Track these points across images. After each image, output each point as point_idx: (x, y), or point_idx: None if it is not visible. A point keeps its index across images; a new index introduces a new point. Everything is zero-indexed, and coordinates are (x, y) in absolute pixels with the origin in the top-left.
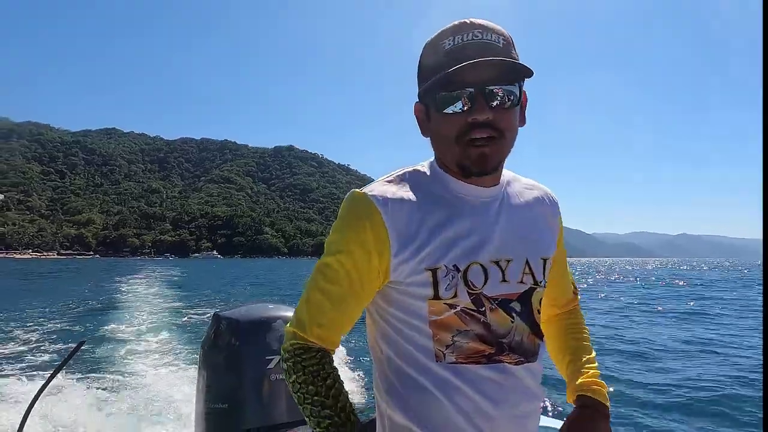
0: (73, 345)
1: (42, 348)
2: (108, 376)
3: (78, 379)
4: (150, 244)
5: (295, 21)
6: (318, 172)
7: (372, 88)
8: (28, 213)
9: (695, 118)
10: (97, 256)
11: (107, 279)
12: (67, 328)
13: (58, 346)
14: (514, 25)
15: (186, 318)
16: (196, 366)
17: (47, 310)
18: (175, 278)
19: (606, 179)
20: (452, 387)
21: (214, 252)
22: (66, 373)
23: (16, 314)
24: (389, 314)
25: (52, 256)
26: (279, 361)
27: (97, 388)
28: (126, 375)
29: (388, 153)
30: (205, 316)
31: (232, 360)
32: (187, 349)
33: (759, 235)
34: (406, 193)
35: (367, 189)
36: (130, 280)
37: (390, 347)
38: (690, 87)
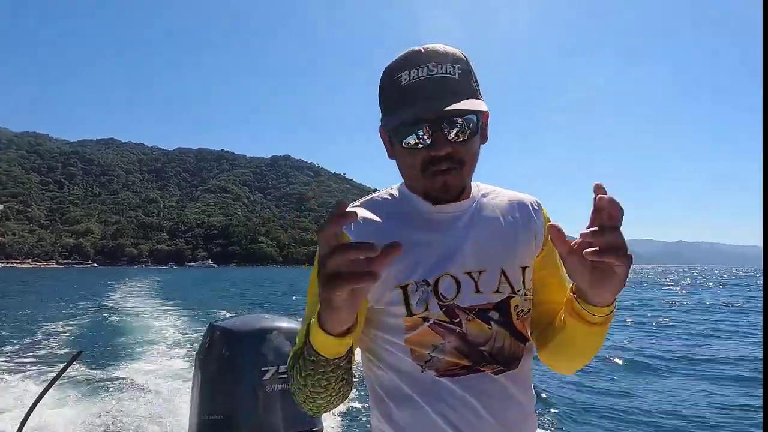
0: (71, 355)
1: (39, 357)
2: (105, 386)
3: (73, 390)
4: (147, 254)
5: (291, 31)
6: (314, 182)
7: (369, 97)
8: (28, 223)
9: (695, 126)
10: (96, 265)
11: (111, 286)
12: (68, 333)
13: (56, 352)
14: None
15: (185, 326)
16: (191, 377)
17: (45, 315)
18: (173, 287)
19: (603, 185)
20: (436, 400)
21: (209, 261)
22: (62, 384)
23: (14, 323)
24: (372, 334)
25: (52, 266)
26: (274, 372)
27: (94, 400)
28: (123, 385)
29: (385, 162)
30: (202, 325)
31: (226, 371)
32: (185, 359)
33: (757, 242)
34: (372, 215)
35: None
36: (132, 288)
37: (376, 365)
38: (690, 94)
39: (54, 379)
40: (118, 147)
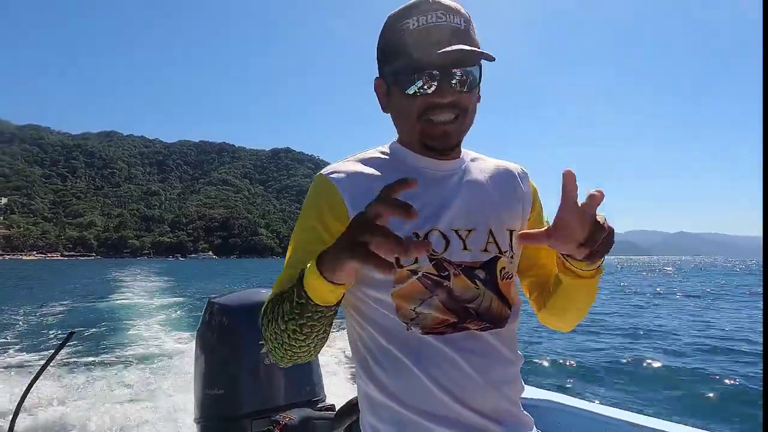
0: (65, 335)
1: (36, 338)
2: (105, 364)
3: (72, 369)
4: (149, 246)
5: (292, 24)
6: (314, 174)
7: (368, 89)
8: (32, 216)
9: (693, 116)
10: (99, 257)
11: (121, 276)
12: (64, 315)
13: (53, 333)
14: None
15: (183, 307)
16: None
17: (46, 302)
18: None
19: (606, 176)
20: (422, 358)
21: (210, 253)
22: (59, 363)
23: (11, 309)
24: (358, 291)
25: (56, 257)
26: None
27: (93, 378)
28: (125, 362)
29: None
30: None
31: (225, 345)
32: (186, 336)
33: (757, 233)
34: (363, 168)
35: (325, 169)
36: (140, 275)
37: (361, 325)
38: (689, 84)
39: (49, 360)
40: (119, 140)
